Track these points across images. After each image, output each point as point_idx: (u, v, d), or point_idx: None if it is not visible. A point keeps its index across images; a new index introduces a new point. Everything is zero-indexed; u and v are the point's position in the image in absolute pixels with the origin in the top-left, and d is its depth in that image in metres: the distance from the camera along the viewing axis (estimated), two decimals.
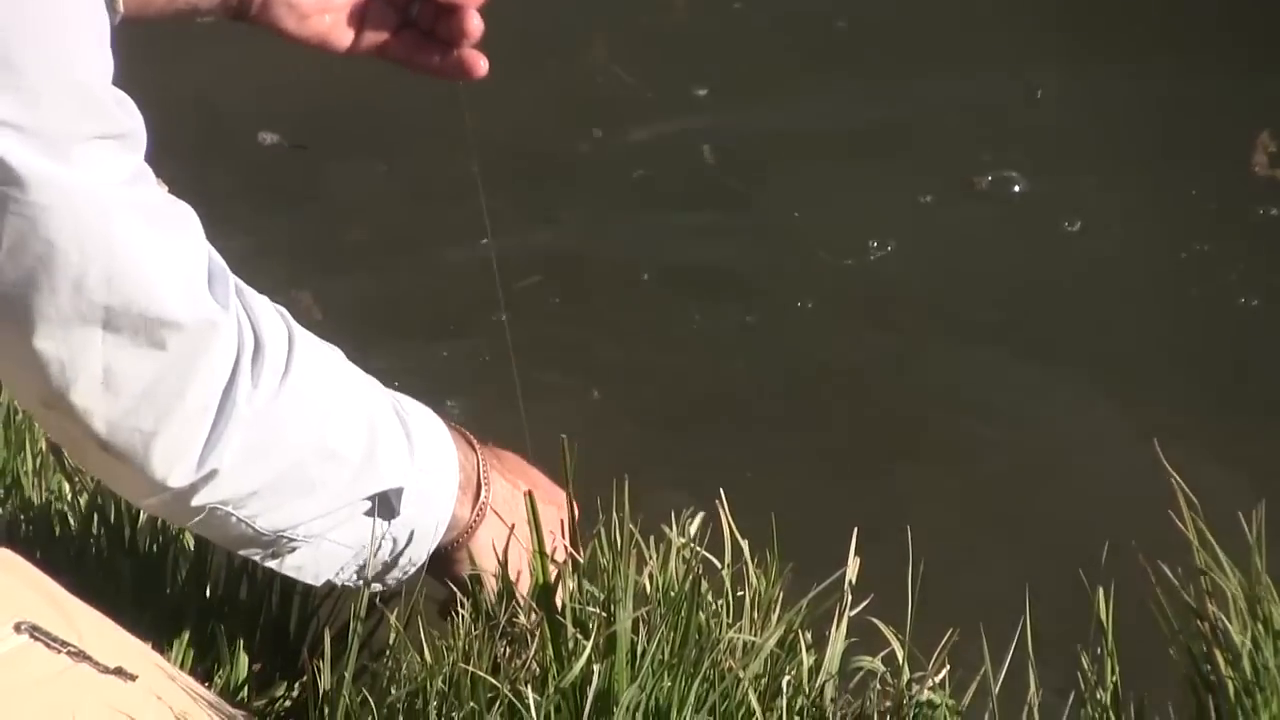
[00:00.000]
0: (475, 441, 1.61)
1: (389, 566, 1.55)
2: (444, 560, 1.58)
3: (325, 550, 1.52)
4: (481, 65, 1.57)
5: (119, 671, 1.39)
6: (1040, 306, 2.57)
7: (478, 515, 1.57)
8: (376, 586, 1.55)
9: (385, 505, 1.52)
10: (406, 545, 1.54)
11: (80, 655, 1.38)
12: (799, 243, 2.66)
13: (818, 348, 2.50)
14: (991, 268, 2.62)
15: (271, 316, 1.45)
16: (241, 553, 1.53)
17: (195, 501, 1.43)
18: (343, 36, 1.59)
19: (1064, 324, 2.54)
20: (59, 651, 1.38)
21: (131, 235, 1.34)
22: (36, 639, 1.37)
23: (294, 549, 1.51)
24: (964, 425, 2.36)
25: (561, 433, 1.46)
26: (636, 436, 2.39)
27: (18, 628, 1.37)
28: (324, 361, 1.50)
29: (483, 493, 1.58)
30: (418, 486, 1.53)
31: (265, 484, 1.45)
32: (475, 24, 1.56)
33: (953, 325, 2.54)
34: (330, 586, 1.56)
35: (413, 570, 1.57)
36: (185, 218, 1.41)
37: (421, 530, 1.55)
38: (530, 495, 1.51)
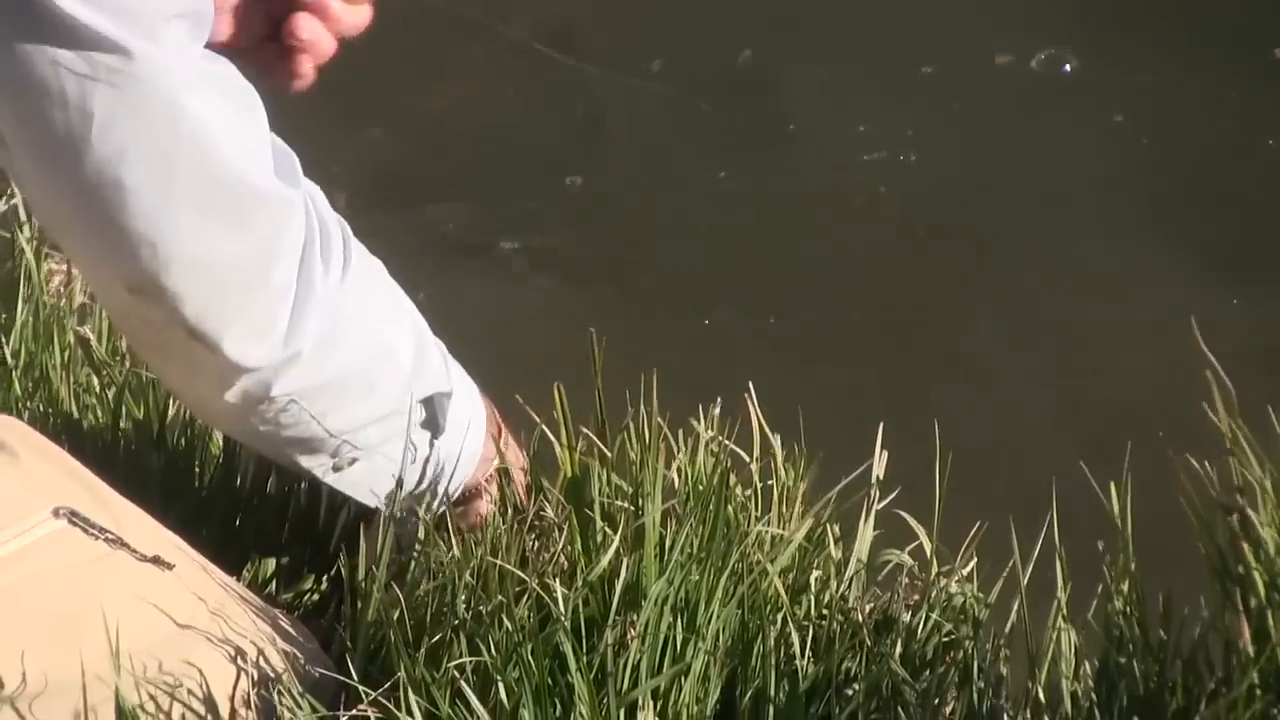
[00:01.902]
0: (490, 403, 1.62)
1: (435, 484, 1.55)
2: (463, 498, 1.59)
3: (378, 465, 1.52)
4: (295, 84, 1.47)
5: (156, 560, 1.40)
6: (1077, 196, 2.55)
7: (489, 479, 1.59)
8: (422, 511, 1.54)
9: (432, 421, 1.53)
10: (454, 465, 1.55)
11: (118, 542, 1.38)
12: (834, 130, 2.65)
13: (849, 239, 2.49)
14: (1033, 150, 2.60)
15: (327, 209, 1.44)
16: (304, 461, 1.51)
17: (276, 390, 1.42)
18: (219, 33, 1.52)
19: (1098, 216, 2.52)
20: (97, 538, 1.38)
21: (217, 112, 1.32)
22: (75, 524, 1.37)
23: (354, 460, 1.51)
24: (994, 317, 2.35)
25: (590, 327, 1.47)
26: (664, 330, 2.38)
27: (56, 512, 1.37)
28: (375, 264, 1.50)
29: (500, 443, 1.59)
30: (458, 402, 1.54)
31: (336, 376, 1.45)
32: (302, 26, 1.44)
33: (984, 214, 2.52)
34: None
35: (456, 493, 1.57)
36: (254, 95, 1.39)
37: (465, 450, 1.56)
38: (558, 388, 1.51)
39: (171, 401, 1.71)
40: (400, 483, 1.51)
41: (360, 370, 1.46)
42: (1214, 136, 2.62)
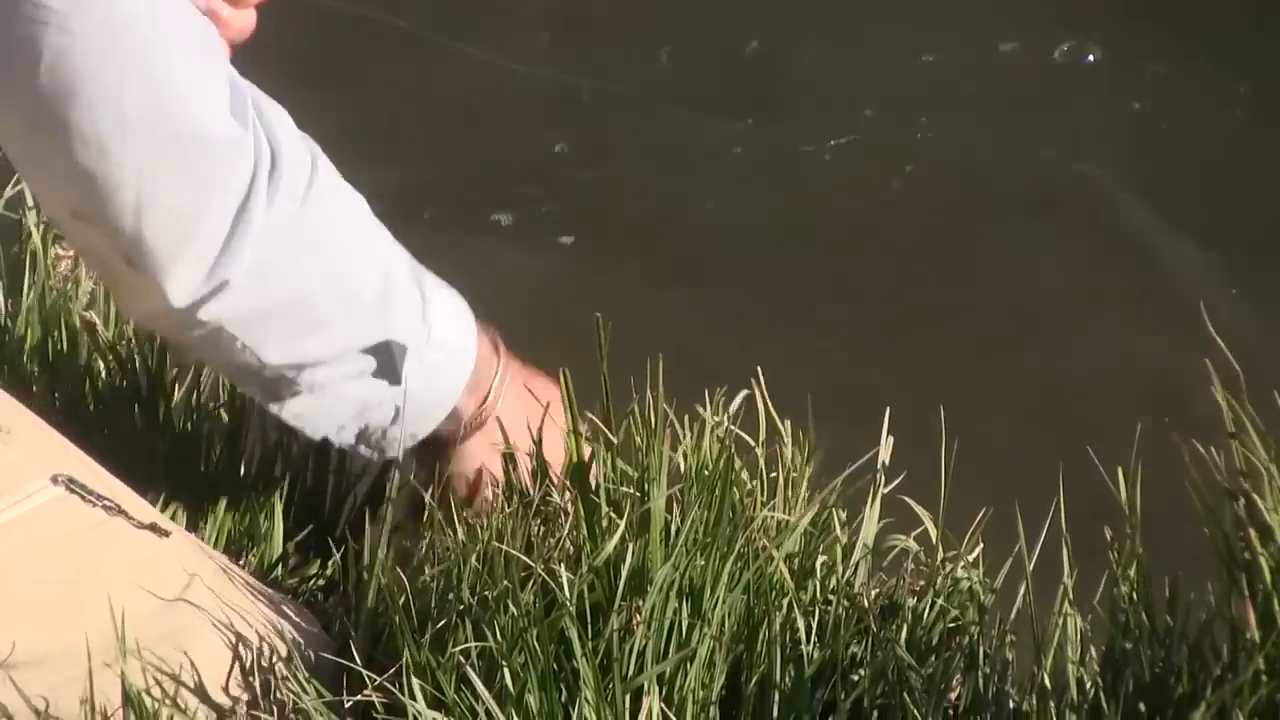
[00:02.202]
0: (502, 350, 1.60)
1: (384, 434, 1.55)
2: (433, 453, 1.59)
3: (327, 403, 1.51)
4: None
5: (153, 527, 1.40)
6: (1088, 183, 2.55)
7: (480, 417, 1.57)
8: (371, 454, 1.55)
9: (390, 369, 1.51)
10: (405, 417, 1.54)
11: (115, 509, 1.39)
12: (850, 102, 2.64)
13: (858, 221, 2.49)
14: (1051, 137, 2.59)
15: (294, 141, 1.44)
16: (242, 388, 1.52)
17: (203, 315, 1.42)
18: None
19: (1112, 199, 2.52)
20: (94, 504, 1.38)
21: (169, 51, 1.33)
22: (73, 491, 1.38)
23: (295, 394, 1.50)
24: (1003, 303, 2.35)
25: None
26: (669, 313, 2.38)
27: (55, 479, 1.37)
28: (346, 200, 1.49)
29: (488, 400, 1.58)
30: (427, 356, 1.52)
31: (274, 309, 1.44)
32: None
33: (994, 200, 2.52)
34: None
35: (410, 444, 1.56)
36: (210, 33, 1.40)
37: (426, 405, 1.55)
38: (564, 373, 1.50)
39: (176, 387, 1.71)
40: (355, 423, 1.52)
41: (304, 307, 1.46)
42: (1228, 125, 2.61)
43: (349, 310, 1.48)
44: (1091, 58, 2.69)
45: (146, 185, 1.35)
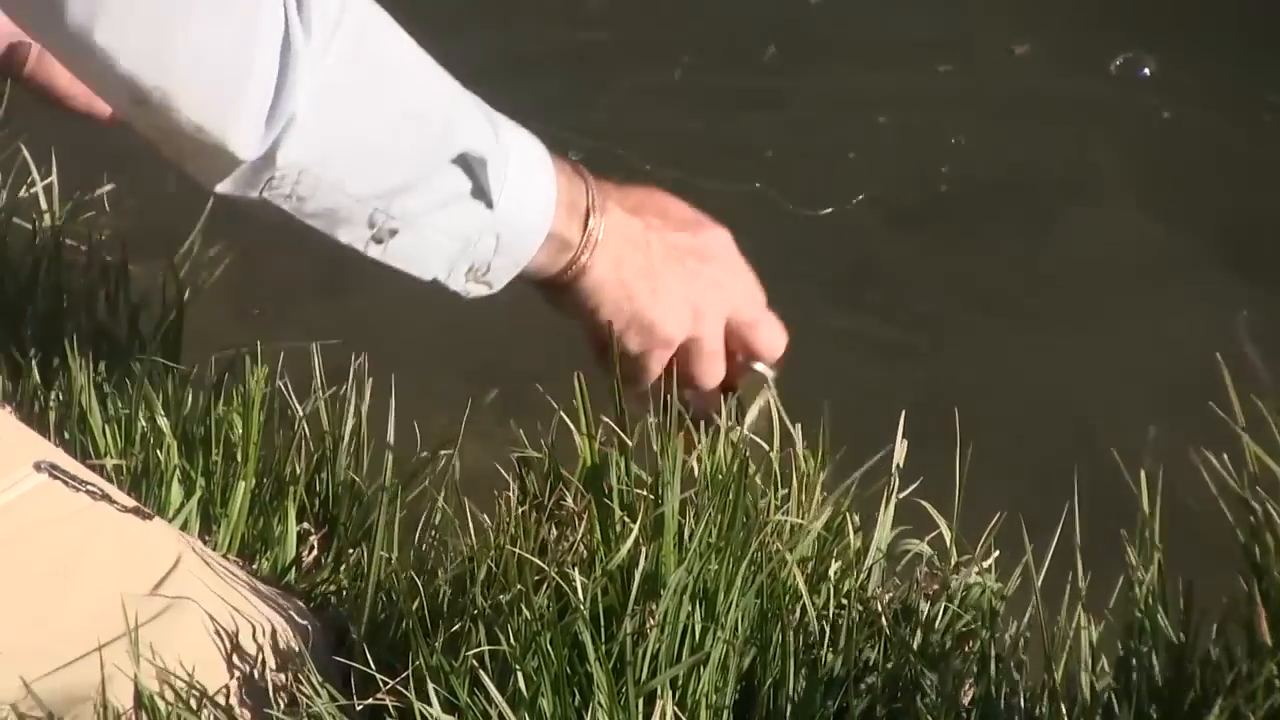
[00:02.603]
0: (587, 173, 1.58)
1: (489, 267, 1.54)
2: (560, 291, 1.58)
3: (428, 238, 1.50)
4: None
5: (136, 510, 1.41)
6: (1108, 188, 2.54)
7: (586, 242, 1.55)
8: (482, 289, 1.54)
9: (479, 190, 1.50)
10: (508, 241, 1.53)
11: (100, 495, 1.39)
12: (861, 112, 2.64)
13: (869, 228, 2.48)
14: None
15: None
16: (341, 236, 1.50)
17: (281, 162, 1.42)
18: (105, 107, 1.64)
19: (1130, 209, 2.51)
20: (78, 490, 1.39)
21: None
22: (56, 477, 1.38)
23: (394, 232, 1.49)
24: (1016, 308, 2.35)
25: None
26: None
27: (38, 466, 1.38)
28: (382, 22, 1.48)
29: (592, 219, 1.56)
30: (508, 170, 1.51)
31: (346, 136, 1.44)
32: None
33: (1011, 203, 2.51)
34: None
35: (515, 270, 1.55)
36: None
37: (523, 226, 1.53)
38: (579, 377, 1.50)
39: (188, 390, 1.71)
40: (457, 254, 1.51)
41: (374, 129, 1.46)
42: (1257, 130, 2.61)
43: (420, 125, 1.48)
44: (1147, 71, 2.68)
45: (196, 41, 1.36)
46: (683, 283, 1.60)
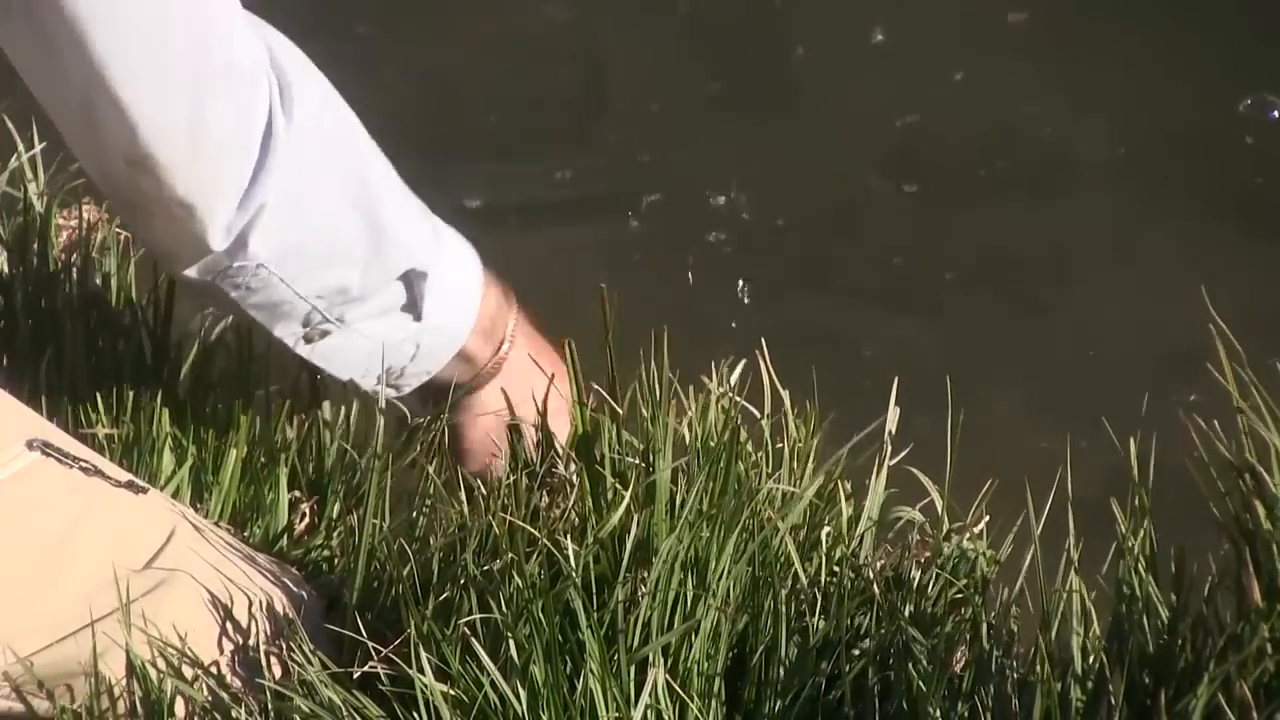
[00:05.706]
0: (514, 301, 1.64)
1: (403, 372, 1.59)
2: (441, 398, 1.62)
3: (355, 342, 1.55)
4: None
5: (130, 485, 1.41)
6: (1097, 161, 2.54)
7: (494, 365, 1.62)
8: (391, 392, 1.59)
9: (411, 301, 1.56)
10: (425, 351, 1.59)
11: (93, 470, 1.39)
12: (861, 81, 2.63)
13: (861, 197, 2.48)
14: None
15: (298, 63, 1.47)
16: (279, 333, 1.53)
17: (242, 255, 1.44)
18: None
19: (1116, 185, 2.51)
20: (71, 466, 1.39)
21: None
22: (49, 455, 1.38)
23: (325, 333, 1.53)
24: (1009, 278, 2.35)
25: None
26: (676, 286, 2.38)
27: (30, 444, 1.38)
28: (353, 123, 1.51)
29: (504, 347, 1.63)
30: (443, 284, 1.56)
31: (304, 235, 1.47)
32: None
33: (1003, 177, 2.52)
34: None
35: (424, 379, 1.61)
36: None
37: (441, 340, 1.59)
38: (569, 344, 1.51)
39: (185, 358, 1.71)
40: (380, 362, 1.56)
41: (330, 233, 1.49)
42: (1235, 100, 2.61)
43: (377, 237, 1.51)
44: (1277, 114, 2.67)
45: (197, 118, 1.38)
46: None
